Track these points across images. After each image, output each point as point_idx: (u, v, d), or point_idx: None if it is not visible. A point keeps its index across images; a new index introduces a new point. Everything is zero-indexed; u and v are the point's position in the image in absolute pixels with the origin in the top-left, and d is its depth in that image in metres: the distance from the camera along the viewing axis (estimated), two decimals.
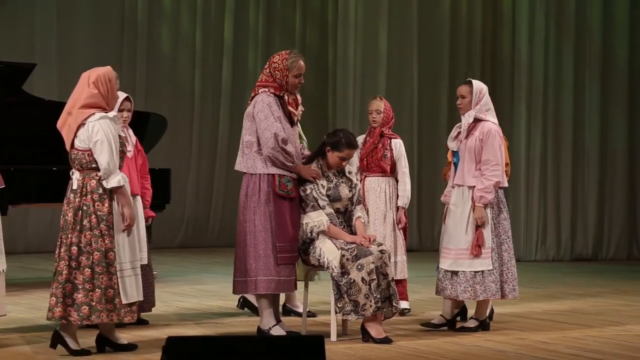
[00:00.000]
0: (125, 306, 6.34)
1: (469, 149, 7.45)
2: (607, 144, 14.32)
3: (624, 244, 14.41)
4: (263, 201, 6.95)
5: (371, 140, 8.31)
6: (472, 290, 7.39)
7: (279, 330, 6.99)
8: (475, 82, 7.57)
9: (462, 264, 7.41)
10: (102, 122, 6.33)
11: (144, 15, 14.97)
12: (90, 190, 6.33)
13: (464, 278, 7.40)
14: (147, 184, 7.79)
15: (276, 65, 7.08)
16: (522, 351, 6.69)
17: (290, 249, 6.97)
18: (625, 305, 9.11)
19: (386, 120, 8.33)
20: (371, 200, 8.25)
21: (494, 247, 7.40)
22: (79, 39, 14.45)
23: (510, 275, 7.46)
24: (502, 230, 7.48)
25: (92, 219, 6.31)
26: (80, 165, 6.37)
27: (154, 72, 15.08)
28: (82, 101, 6.41)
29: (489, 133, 7.43)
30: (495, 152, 7.41)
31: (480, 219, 7.37)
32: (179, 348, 4.57)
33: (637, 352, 6.68)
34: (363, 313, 6.88)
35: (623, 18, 14.35)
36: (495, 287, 7.37)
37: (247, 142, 7.04)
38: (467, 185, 7.45)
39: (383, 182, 8.28)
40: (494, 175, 7.40)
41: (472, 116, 7.47)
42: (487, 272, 7.38)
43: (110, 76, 6.52)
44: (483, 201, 7.38)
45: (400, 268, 8.18)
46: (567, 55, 14.12)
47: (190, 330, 7.50)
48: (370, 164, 8.29)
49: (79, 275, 6.28)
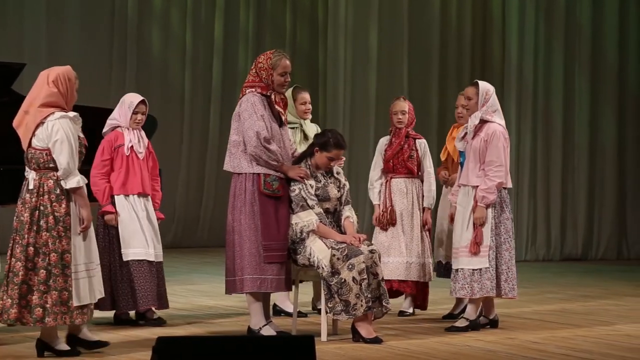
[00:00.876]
0: (77, 308, 6.24)
1: (473, 150, 7.52)
2: (596, 143, 14.35)
3: (613, 244, 14.44)
4: (249, 200, 6.96)
5: (397, 141, 8.26)
6: (469, 287, 7.45)
7: (269, 330, 6.99)
8: (481, 83, 7.63)
9: (461, 261, 7.49)
10: (62, 122, 6.24)
11: (134, 15, 14.96)
12: (48, 191, 6.23)
13: (462, 275, 7.47)
14: (157, 186, 7.87)
15: (261, 65, 7.10)
16: (512, 351, 6.70)
17: (277, 248, 6.97)
18: (615, 305, 9.13)
19: (410, 121, 8.31)
20: (397, 202, 8.21)
21: (492, 245, 7.45)
22: (69, 39, 14.44)
23: (510, 275, 7.50)
24: (504, 230, 7.52)
25: (49, 219, 6.21)
26: (37, 164, 6.27)
27: (144, 72, 15.07)
28: (41, 100, 6.30)
29: (493, 134, 7.50)
30: (499, 153, 7.49)
31: (480, 219, 7.42)
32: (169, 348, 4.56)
33: (626, 352, 6.70)
34: (354, 313, 6.88)
35: (612, 16, 14.38)
36: (490, 285, 7.42)
37: (234, 141, 7.05)
38: (471, 185, 7.52)
39: (409, 183, 8.25)
40: (497, 176, 7.46)
41: (478, 117, 7.54)
42: (484, 270, 7.42)
43: (70, 75, 6.40)
44: (485, 201, 7.44)
45: (428, 270, 8.16)
46: (557, 53, 14.14)
47: (181, 330, 7.49)
48: (397, 165, 8.25)
49: (34, 276, 6.18)
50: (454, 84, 14.86)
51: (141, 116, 7.72)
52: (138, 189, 7.67)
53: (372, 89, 14.81)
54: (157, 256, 7.67)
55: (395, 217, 8.21)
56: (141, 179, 7.68)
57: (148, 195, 7.71)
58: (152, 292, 7.57)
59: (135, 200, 7.66)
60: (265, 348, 4.63)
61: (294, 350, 4.63)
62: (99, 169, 7.68)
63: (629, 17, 14.45)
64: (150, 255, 7.60)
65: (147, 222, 7.67)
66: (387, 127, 8.54)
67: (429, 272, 8.18)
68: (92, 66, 14.55)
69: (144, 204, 7.70)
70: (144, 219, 7.65)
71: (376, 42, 14.83)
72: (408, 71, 14.80)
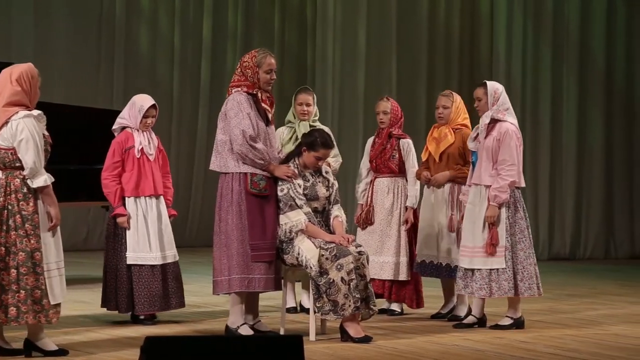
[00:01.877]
0: (52, 307, 6.22)
1: (486, 149, 7.56)
2: (584, 143, 14.37)
3: (601, 243, 14.46)
4: (235, 200, 6.96)
5: (380, 141, 8.31)
6: (487, 287, 7.49)
7: (247, 329, 7.00)
8: (490, 83, 7.69)
9: (477, 262, 7.51)
10: (26, 121, 6.20)
11: (121, 15, 14.92)
12: (15, 190, 6.20)
13: (480, 276, 7.51)
14: (168, 183, 7.89)
15: (246, 63, 7.10)
16: (500, 350, 6.71)
17: (264, 247, 6.97)
18: (603, 304, 9.15)
19: (394, 121, 8.32)
20: (378, 201, 8.26)
21: (508, 246, 7.49)
22: (57, 39, 14.39)
23: (526, 274, 7.54)
24: (518, 230, 7.56)
25: (16, 218, 6.17)
26: (3, 164, 6.22)
27: (132, 72, 15.03)
28: (5, 99, 6.24)
29: (505, 133, 7.53)
30: (512, 152, 7.51)
31: (491, 218, 7.46)
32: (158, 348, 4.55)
33: (614, 351, 6.71)
34: (342, 313, 6.88)
35: (600, 18, 14.40)
36: (508, 285, 7.47)
37: (220, 141, 7.06)
38: (484, 185, 7.55)
39: (391, 182, 8.28)
40: (510, 175, 7.49)
41: (489, 117, 7.59)
42: (501, 271, 7.47)
43: (33, 73, 6.34)
44: (497, 200, 7.47)
45: (402, 269, 8.16)
46: (545, 54, 14.17)
47: (169, 330, 7.48)
48: (379, 165, 8.29)
49: (6, 276, 6.15)
50: (442, 83, 14.85)
51: (151, 119, 7.74)
52: (150, 190, 7.68)
53: (361, 88, 14.80)
54: (164, 258, 7.66)
55: (373, 216, 8.23)
56: (153, 180, 7.71)
57: (160, 196, 7.75)
58: (149, 297, 7.57)
59: (147, 202, 7.69)
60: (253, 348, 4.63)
61: (283, 350, 4.63)
62: (110, 170, 7.69)
63: (617, 18, 14.47)
64: (155, 258, 7.59)
65: (157, 224, 7.68)
66: (376, 125, 8.56)
67: (404, 271, 8.16)
68: (80, 66, 14.53)
69: (156, 205, 7.73)
70: (154, 221, 7.67)
71: (364, 41, 14.83)
72: (396, 70, 14.79)
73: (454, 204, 8.03)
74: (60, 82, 14.02)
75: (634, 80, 14.54)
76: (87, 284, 10.23)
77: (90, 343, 6.86)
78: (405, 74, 14.88)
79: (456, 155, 8.09)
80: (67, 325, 7.56)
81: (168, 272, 7.67)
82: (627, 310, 8.79)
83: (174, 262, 7.72)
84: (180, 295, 7.73)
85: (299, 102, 8.28)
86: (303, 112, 8.25)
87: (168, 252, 7.68)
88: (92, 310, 8.38)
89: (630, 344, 6.99)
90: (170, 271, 7.69)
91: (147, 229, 7.62)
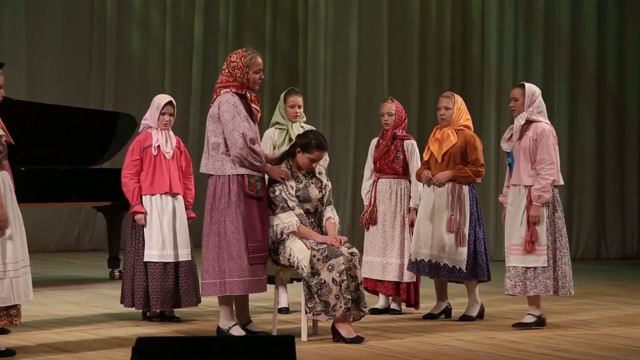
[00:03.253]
0: (1, 310, 6.15)
1: (523, 150, 7.60)
2: (575, 144, 14.40)
3: (592, 244, 14.49)
4: (234, 202, 6.93)
5: (384, 142, 8.33)
6: (522, 285, 7.54)
7: (238, 330, 7.00)
8: (528, 85, 7.75)
9: (514, 259, 7.57)
10: None
11: (113, 15, 14.91)
12: None
13: (515, 273, 7.56)
14: (190, 185, 7.96)
15: (235, 64, 7.07)
16: (491, 350, 6.72)
17: (261, 249, 6.97)
18: (594, 304, 9.17)
19: (398, 122, 8.35)
20: (381, 202, 8.28)
21: (549, 244, 7.54)
22: (48, 39, 14.38)
23: (560, 273, 7.60)
24: (557, 229, 7.62)
25: None
26: None
27: (123, 72, 15.02)
28: None
29: (542, 133, 7.58)
30: (550, 151, 7.57)
31: (536, 218, 7.52)
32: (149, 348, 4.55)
33: (605, 351, 6.73)
34: (333, 313, 6.89)
35: (591, 19, 14.43)
36: (549, 284, 7.53)
37: (214, 143, 7.00)
38: (523, 185, 7.59)
39: (394, 183, 8.30)
40: (550, 174, 7.55)
41: (524, 118, 7.64)
42: (540, 269, 7.54)
43: None
44: (541, 200, 7.53)
45: (406, 271, 8.18)
46: (536, 55, 14.19)
47: (160, 331, 7.48)
48: (383, 166, 8.31)
49: None
50: (433, 85, 14.87)
51: (168, 117, 7.83)
52: (165, 188, 7.75)
53: (352, 89, 14.81)
54: (177, 256, 7.74)
55: (376, 217, 8.27)
56: (169, 178, 7.77)
57: (177, 195, 7.81)
58: (163, 294, 7.67)
59: (162, 199, 7.74)
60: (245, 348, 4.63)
61: (275, 351, 4.63)
62: (128, 169, 7.80)
63: (608, 20, 14.50)
64: (168, 256, 7.70)
65: (172, 222, 7.74)
66: (367, 127, 8.60)
67: (409, 273, 8.19)
68: (71, 66, 14.51)
69: (172, 203, 7.78)
70: (169, 219, 7.73)
71: (356, 43, 14.84)
72: (388, 72, 14.80)
73: (454, 204, 8.04)
74: (51, 82, 14.02)
75: (625, 81, 14.58)
76: (78, 285, 10.23)
77: (81, 343, 6.85)
78: (397, 76, 14.89)
79: (458, 155, 8.10)
80: (59, 326, 7.56)
81: (181, 270, 7.75)
82: (618, 311, 8.80)
83: (187, 261, 7.78)
84: (195, 293, 7.79)
85: (290, 105, 8.28)
86: (295, 114, 8.26)
87: (181, 250, 7.76)
88: (83, 311, 8.38)
89: (621, 344, 7.01)
90: (183, 269, 7.76)
91: (161, 226, 7.70)
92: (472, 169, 8.08)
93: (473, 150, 8.11)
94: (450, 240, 8.01)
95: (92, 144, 10.73)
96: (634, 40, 14.52)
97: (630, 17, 14.53)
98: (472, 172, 8.08)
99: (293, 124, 8.24)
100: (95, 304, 8.83)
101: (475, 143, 8.14)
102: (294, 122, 8.25)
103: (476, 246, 8.04)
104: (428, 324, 7.85)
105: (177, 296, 7.75)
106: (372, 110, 14.68)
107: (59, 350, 6.56)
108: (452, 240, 8.01)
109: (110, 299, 8.87)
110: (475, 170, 8.10)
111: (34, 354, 6.39)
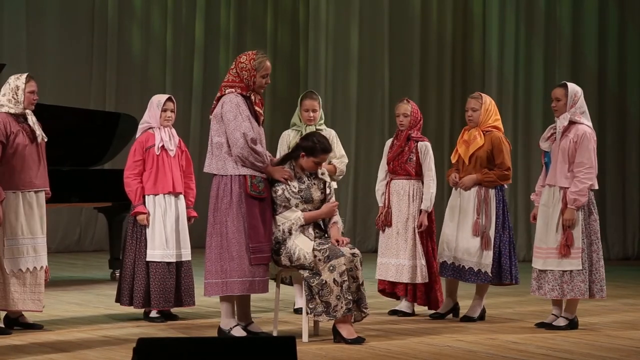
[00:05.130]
0: None
1: (562, 151, 7.57)
2: None
3: None
4: (235, 202, 6.94)
5: (398, 143, 8.30)
6: (559, 289, 7.55)
7: (239, 331, 7.00)
8: (570, 85, 7.70)
9: (551, 263, 7.57)
10: None
11: (114, 16, 14.92)
12: None
13: (552, 277, 7.57)
14: (191, 184, 8.01)
15: (243, 65, 7.06)
16: (492, 351, 6.71)
17: (263, 249, 6.97)
18: (594, 305, 9.16)
19: (414, 123, 8.31)
20: (394, 203, 8.26)
21: (584, 247, 7.53)
22: (49, 39, 14.38)
23: (597, 276, 7.60)
24: (592, 232, 7.61)
25: None
26: None
27: (124, 73, 15.03)
28: None
29: (583, 136, 7.54)
30: (590, 155, 7.53)
31: (570, 221, 7.49)
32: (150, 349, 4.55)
33: (606, 352, 6.72)
34: (334, 314, 6.89)
35: (592, 19, 14.43)
36: (584, 287, 7.53)
37: (217, 143, 7.01)
38: (559, 186, 7.56)
39: (407, 184, 8.27)
40: (588, 178, 7.52)
41: (567, 119, 7.61)
42: (575, 272, 7.54)
43: None
44: (577, 204, 7.50)
45: (419, 273, 8.16)
46: (537, 54, 14.19)
47: (161, 331, 7.48)
48: (396, 167, 8.28)
49: None
50: (434, 85, 14.87)
51: (170, 113, 7.89)
52: (168, 188, 7.80)
53: (353, 89, 14.81)
54: (179, 256, 7.81)
55: (391, 218, 8.24)
56: (172, 177, 7.82)
57: (180, 194, 7.86)
58: (164, 293, 7.72)
59: (165, 199, 7.78)
60: (246, 349, 4.63)
61: (276, 351, 4.63)
62: (131, 170, 7.83)
63: (609, 19, 14.50)
64: (170, 256, 7.75)
65: (174, 222, 7.79)
66: (368, 127, 8.57)
67: (423, 274, 8.17)
68: (72, 66, 14.51)
69: (175, 202, 7.82)
70: (171, 219, 7.79)
71: (357, 43, 14.85)
72: (389, 72, 14.81)
73: (480, 208, 8.02)
74: (52, 83, 14.01)
75: (626, 81, 14.57)
76: (79, 286, 10.22)
77: (82, 344, 6.85)
78: (398, 76, 14.90)
79: (484, 158, 8.07)
80: (60, 326, 7.56)
81: (182, 270, 7.81)
82: (620, 312, 8.80)
83: (189, 261, 7.87)
84: (193, 293, 7.87)
85: (305, 109, 8.32)
86: (309, 118, 8.31)
87: (184, 250, 7.83)
88: (85, 312, 8.38)
89: (622, 345, 7.00)
90: (184, 269, 7.83)
91: (163, 226, 7.73)
92: (498, 173, 8.06)
93: (499, 154, 8.08)
94: (476, 244, 7.99)
95: (93, 144, 10.73)
96: (634, 40, 14.52)
97: (631, 18, 14.52)
98: (497, 176, 8.05)
99: (307, 126, 8.27)
100: (96, 305, 8.83)
101: (502, 146, 8.10)
102: (309, 125, 8.28)
103: (501, 249, 8.02)
104: (429, 325, 7.84)
105: (178, 295, 7.79)
106: (373, 111, 14.69)
107: (60, 350, 6.56)
108: (477, 244, 7.99)
109: (111, 300, 8.85)
110: (501, 174, 8.07)
111: (35, 354, 6.39)
